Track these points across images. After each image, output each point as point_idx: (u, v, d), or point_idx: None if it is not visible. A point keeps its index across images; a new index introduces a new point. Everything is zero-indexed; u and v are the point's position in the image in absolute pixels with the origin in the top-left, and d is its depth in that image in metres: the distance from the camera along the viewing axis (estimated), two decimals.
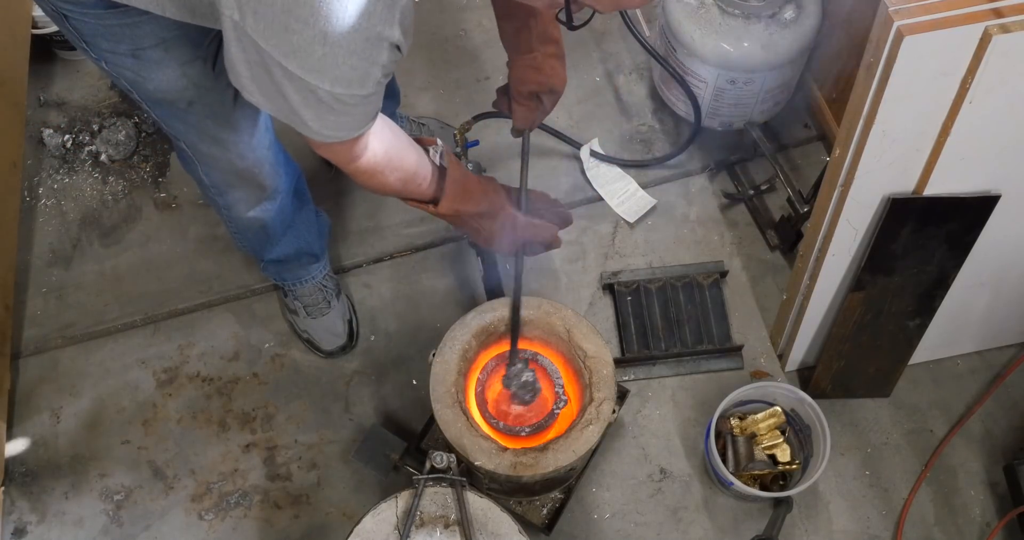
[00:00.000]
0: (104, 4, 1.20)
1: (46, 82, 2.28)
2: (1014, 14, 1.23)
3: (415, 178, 1.44)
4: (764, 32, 1.93)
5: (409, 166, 1.42)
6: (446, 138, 2.13)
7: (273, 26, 1.01)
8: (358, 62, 1.05)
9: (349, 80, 1.07)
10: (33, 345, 2.03)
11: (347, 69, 1.05)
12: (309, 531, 1.86)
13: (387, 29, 1.04)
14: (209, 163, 1.55)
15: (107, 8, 1.20)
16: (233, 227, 1.76)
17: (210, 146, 1.49)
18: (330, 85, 1.06)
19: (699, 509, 1.86)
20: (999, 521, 1.83)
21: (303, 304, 1.96)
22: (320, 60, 1.03)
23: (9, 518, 1.87)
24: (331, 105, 1.10)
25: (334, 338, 1.97)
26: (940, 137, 1.39)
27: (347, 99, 1.10)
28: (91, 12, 1.22)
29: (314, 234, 1.88)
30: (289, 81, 1.07)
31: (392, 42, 1.05)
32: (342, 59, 1.04)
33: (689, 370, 1.99)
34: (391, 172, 1.38)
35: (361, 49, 1.04)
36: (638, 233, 2.13)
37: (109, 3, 1.19)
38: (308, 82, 1.06)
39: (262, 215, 1.69)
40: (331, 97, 1.08)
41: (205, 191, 1.66)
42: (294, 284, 1.94)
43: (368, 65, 1.06)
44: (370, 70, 1.07)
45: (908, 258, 1.62)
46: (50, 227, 2.16)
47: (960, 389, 1.97)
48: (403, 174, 1.41)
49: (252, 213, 1.67)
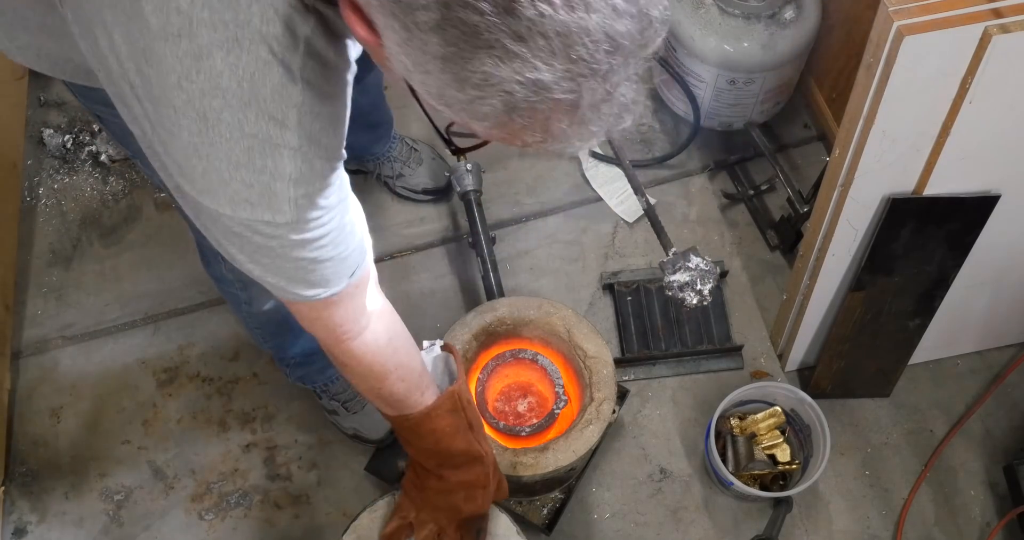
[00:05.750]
0: None
1: (46, 82, 2.28)
2: (1014, 14, 1.23)
3: (420, 383, 1.24)
4: (764, 32, 1.93)
5: (417, 364, 1.23)
6: (436, 170, 2.12)
7: (157, 139, 0.86)
8: (248, 176, 0.84)
9: (247, 201, 0.86)
10: (33, 345, 2.03)
11: (240, 186, 0.84)
12: (309, 531, 1.86)
13: (273, 132, 0.82)
14: None
15: None
16: (254, 322, 1.68)
17: None
18: (230, 208, 0.86)
19: (699, 509, 1.86)
20: (999, 521, 1.83)
21: (340, 402, 1.88)
22: (204, 177, 0.85)
23: (9, 518, 1.87)
24: (250, 239, 0.90)
25: (381, 424, 1.88)
26: (940, 137, 1.39)
27: (264, 229, 0.88)
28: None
29: None
30: (196, 209, 0.89)
31: (291, 148, 0.84)
32: (227, 173, 0.84)
33: (689, 370, 1.99)
34: (395, 367, 1.18)
35: (245, 159, 0.83)
36: (638, 233, 2.13)
37: None
38: (207, 208, 0.88)
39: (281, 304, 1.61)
40: (242, 227, 0.88)
41: (226, 287, 1.56)
42: (326, 384, 1.86)
43: (267, 179, 0.84)
44: (273, 186, 0.85)
45: (908, 258, 1.62)
46: (50, 227, 2.16)
47: (960, 389, 1.97)
48: (407, 372, 1.21)
49: (272, 302, 1.56)
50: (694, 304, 1.56)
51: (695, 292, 1.56)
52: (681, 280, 1.56)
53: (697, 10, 1.96)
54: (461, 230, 2.13)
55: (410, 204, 2.15)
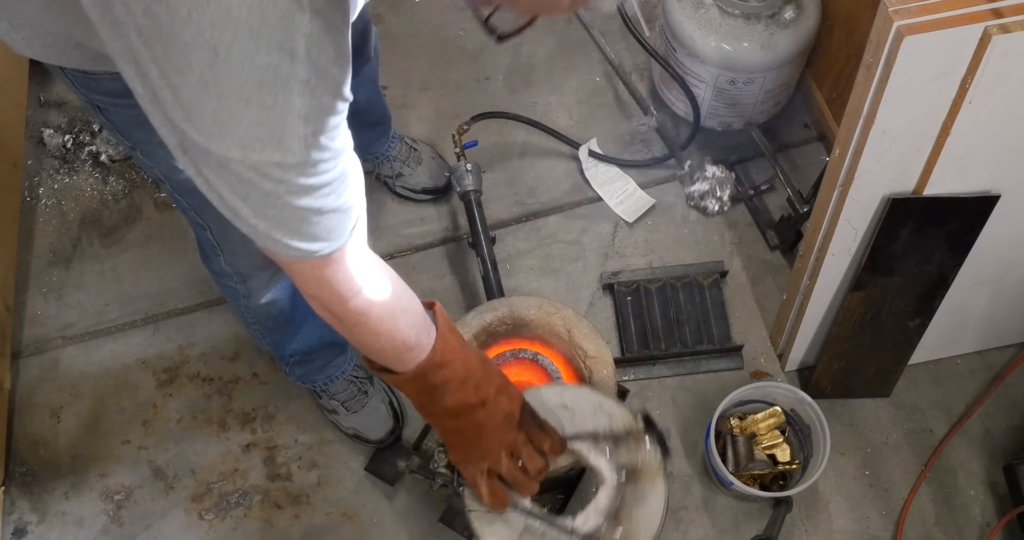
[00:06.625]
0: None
1: (46, 82, 2.28)
2: (1014, 14, 1.23)
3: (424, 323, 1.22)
4: (764, 32, 1.93)
5: (416, 303, 1.21)
6: (436, 170, 2.13)
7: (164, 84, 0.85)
8: (260, 113, 0.84)
9: (258, 139, 0.86)
10: (33, 345, 2.03)
11: (251, 124, 0.84)
12: (309, 531, 1.86)
13: (284, 64, 0.82)
14: (235, 250, 1.46)
15: None
16: (252, 317, 1.68)
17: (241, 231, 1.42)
18: (240, 151, 0.86)
19: (699, 509, 1.86)
20: (999, 521, 1.83)
21: (340, 401, 1.88)
22: (214, 117, 0.84)
23: (9, 518, 1.87)
24: (259, 185, 0.89)
25: (381, 425, 1.90)
26: (940, 137, 1.39)
27: (273, 172, 0.88)
28: (123, 102, 1.17)
29: None
30: (203, 160, 0.89)
31: (301, 81, 0.84)
32: (239, 111, 0.84)
33: (689, 370, 1.99)
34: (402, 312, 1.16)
35: (256, 94, 0.83)
36: (638, 233, 2.13)
37: None
38: (216, 153, 0.87)
39: (279, 295, 1.60)
40: (252, 171, 0.88)
41: (225, 281, 1.57)
42: (325, 383, 1.87)
43: (278, 115, 0.85)
44: (284, 121, 0.85)
45: (908, 258, 1.62)
46: (50, 227, 2.16)
47: (960, 389, 1.97)
48: (414, 316, 1.19)
49: (270, 295, 1.58)
50: (716, 210, 1.55)
51: (716, 199, 1.56)
52: (701, 189, 1.57)
53: (697, 10, 1.96)
54: (461, 230, 2.13)
55: (410, 204, 2.15)
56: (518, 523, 1.41)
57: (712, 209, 1.57)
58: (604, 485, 1.43)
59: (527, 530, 1.41)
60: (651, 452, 1.43)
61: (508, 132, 2.23)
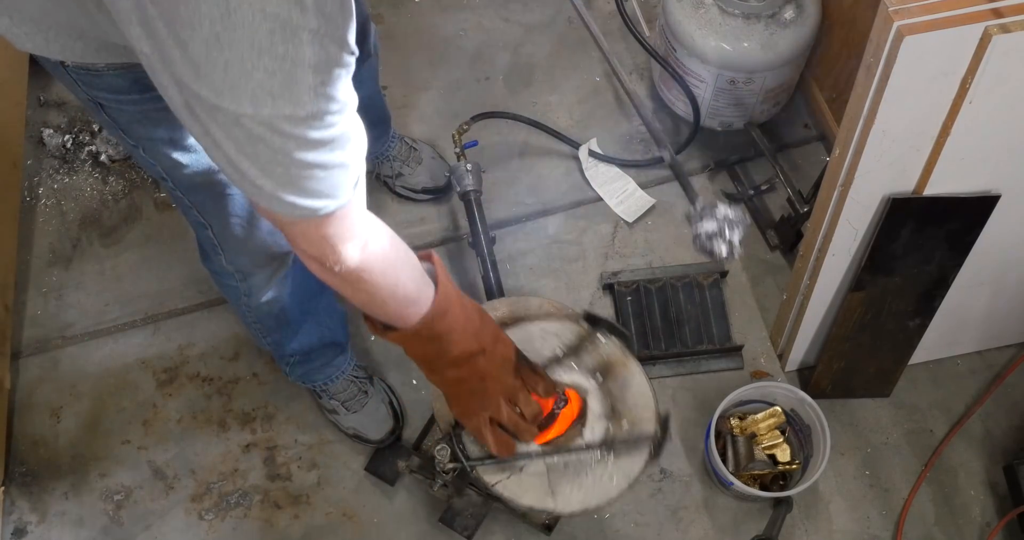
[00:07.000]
0: (140, 89, 1.15)
1: (46, 82, 2.28)
2: (1014, 14, 1.23)
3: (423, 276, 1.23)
4: (764, 32, 1.93)
5: (413, 255, 1.22)
6: (436, 170, 2.13)
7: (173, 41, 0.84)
8: (272, 63, 0.83)
9: (270, 92, 0.85)
10: (33, 345, 2.03)
11: (263, 76, 0.84)
12: (309, 531, 1.86)
13: (294, 13, 0.81)
14: (237, 248, 1.46)
15: (142, 93, 1.15)
16: (252, 316, 1.68)
17: (242, 227, 1.40)
18: (251, 105, 0.85)
19: (699, 509, 1.86)
20: (999, 521, 1.83)
21: (340, 401, 1.88)
22: (226, 71, 0.83)
23: (9, 518, 1.87)
24: (268, 142, 0.89)
25: (381, 425, 1.90)
26: (940, 137, 1.39)
27: (284, 126, 0.88)
28: (127, 98, 1.17)
29: (336, 321, 1.80)
30: (212, 118, 0.88)
31: (311, 30, 0.83)
32: (251, 62, 0.83)
33: (689, 370, 1.99)
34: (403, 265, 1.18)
35: (267, 45, 0.82)
36: (638, 233, 2.13)
37: (144, 87, 1.12)
38: (227, 109, 0.86)
39: (279, 294, 1.60)
40: (263, 126, 0.87)
41: (225, 280, 1.56)
42: (325, 383, 1.87)
43: (289, 66, 0.84)
44: (295, 73, 0.85)
45: (908, 258, 1.62)
46: (50, 227, 2.16)
47: (960, 389, 1.97)
48: (413, 272, 1.20)
49: (270, 293, 1.58)
50: (724, 255, 1.52)
51: (725, 242, 1.52)
52: (710, 229, 1.53)
53: (697, 10, 1.96)
54: (461, 230, 2.12)
55: (409, 204, 2.15)
56: (539, 467, 1.44)
57: (720, 253, 1.48)
58: (589, 393, 1.48)
59: (551, 469, 1.44)
60: (609, 343, 1.49)
61: (508, 132, 2.23)
